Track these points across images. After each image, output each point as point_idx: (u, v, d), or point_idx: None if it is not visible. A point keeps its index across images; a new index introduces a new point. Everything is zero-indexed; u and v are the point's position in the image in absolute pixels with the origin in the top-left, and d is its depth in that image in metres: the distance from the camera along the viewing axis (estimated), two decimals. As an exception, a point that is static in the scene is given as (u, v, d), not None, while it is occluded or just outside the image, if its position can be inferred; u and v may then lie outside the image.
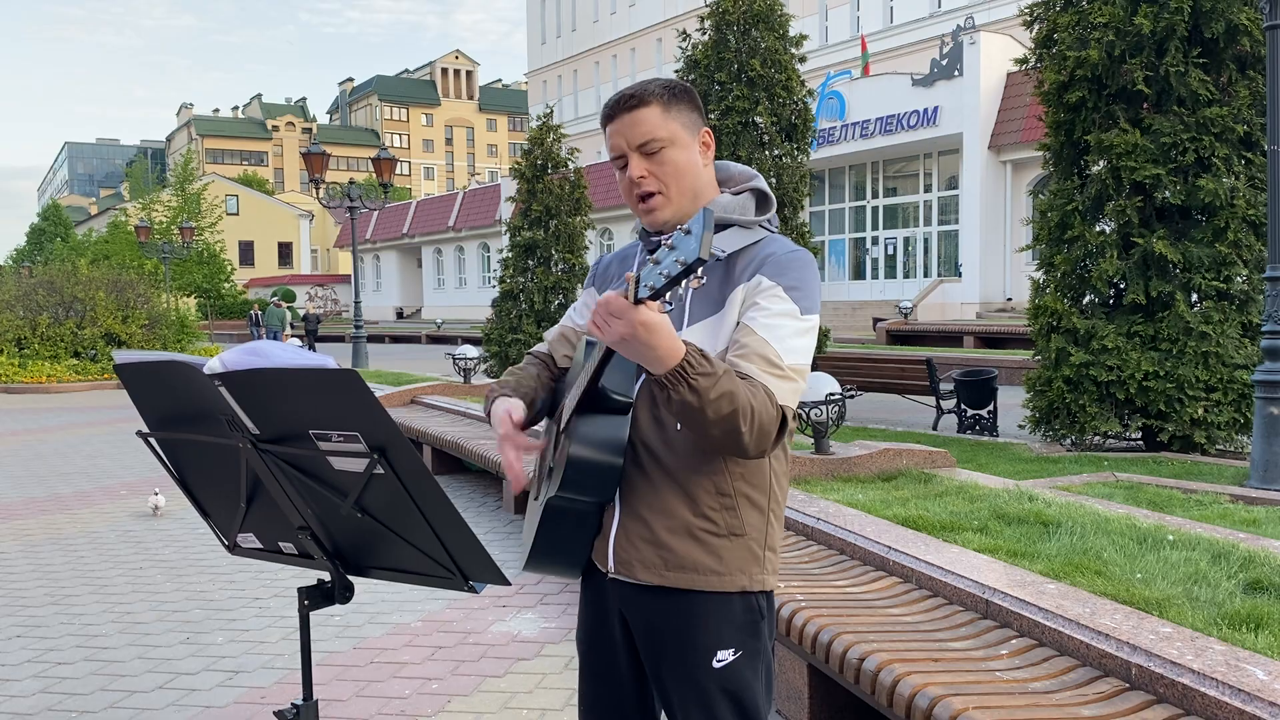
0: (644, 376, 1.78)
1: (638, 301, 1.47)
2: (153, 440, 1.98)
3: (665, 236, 1.82)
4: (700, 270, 1.42)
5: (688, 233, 1.43)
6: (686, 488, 1.76)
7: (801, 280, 1.74)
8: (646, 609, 1.82)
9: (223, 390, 1.72)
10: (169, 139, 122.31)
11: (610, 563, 1.82)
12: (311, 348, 22.33)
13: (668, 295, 1.46)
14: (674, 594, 1.78)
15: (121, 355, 1.87)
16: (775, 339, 1.68)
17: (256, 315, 33.72)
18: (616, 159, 1.82)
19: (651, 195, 1.80)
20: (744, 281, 1.74)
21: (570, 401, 1.75)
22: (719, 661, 1.78)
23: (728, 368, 1.61)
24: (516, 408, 1.83)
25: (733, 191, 1.87)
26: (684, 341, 1.56)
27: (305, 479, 1.79)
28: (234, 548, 2.10)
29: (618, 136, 1.80)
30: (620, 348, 1.54)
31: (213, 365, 1.70)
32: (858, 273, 33.24)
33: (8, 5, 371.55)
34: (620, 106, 1.80)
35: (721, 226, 1.81)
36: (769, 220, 1.86)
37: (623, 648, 1.90)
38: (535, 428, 1.95)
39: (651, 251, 1.87)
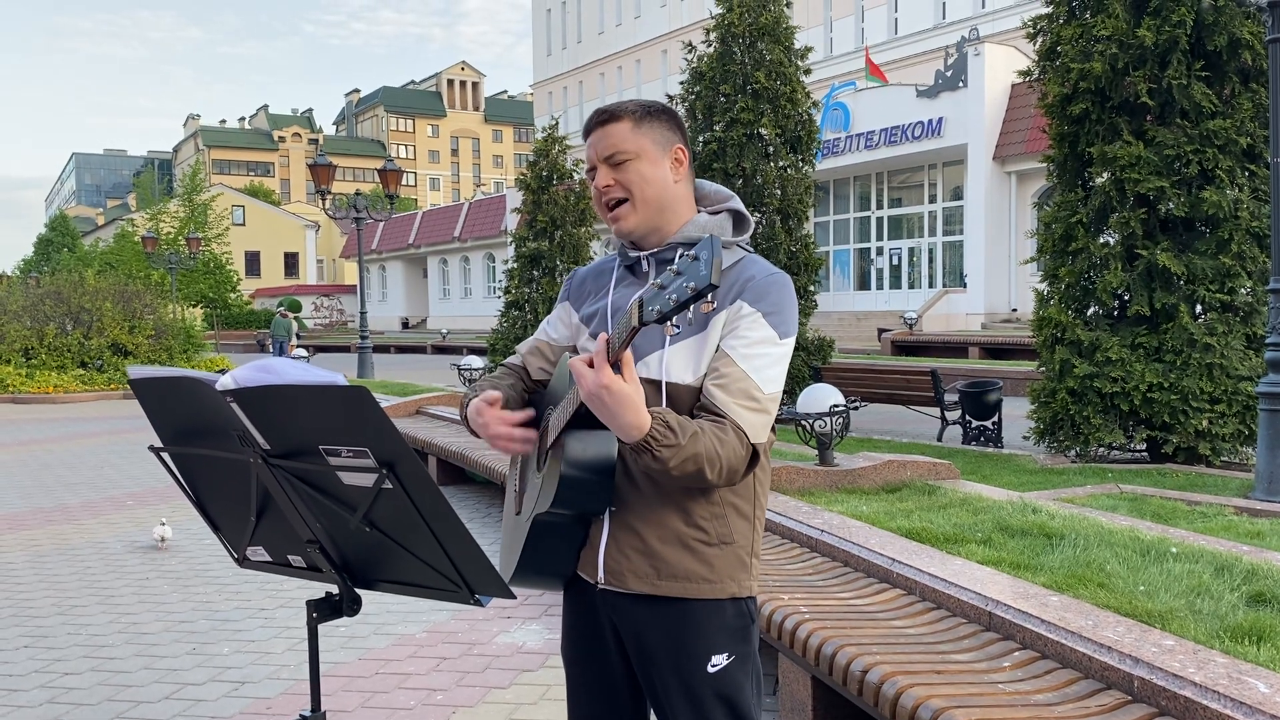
0: None
1: (643, 324, 1.51)
2: (165, 455, 2.01)
3: (645, 252, 1.89)
4: (711, 295, 1.47)
5: (695, 259, 1.47)
6: (679, 498, 1.80)
7: (779, 304, 1.81)
8: (639, 618, 1.85)
9: (234, 406, 1.75)
10: (176, 150, 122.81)
11: (600, 573, 1.85)
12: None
13: (674, 319, 1.50)
14: (667, 602, 1.82)
15: (135, 371, 1.90)
16: (754, 370, 1.76)
17: None
18: (589, 170, 1.92)
19: (618, 203, 1.87)
20: (726, 305, 1.80)
21: (557, 420, 1.79)
22: (714, 666, 1.82)
23: (695, 430, 1.67)
24: (492, 396, 1.88)
25: (709, 211, 1.92)
26: (651, 412, 1.62)
27: (315, 493, 1.82)
28: (243, 561, 2.12)
29: (590, 149, 1.90)
30: (589, 405, 1.61)
31: (225, 382, 1.73)
32: (863, 283, 33.28)
33: (15, 17, 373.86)
34: (595, 121, 1.89)
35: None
36: (745, 241, 1.92)
37: (617, 658, 1.92)
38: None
39: (630, 267, 1.95)
